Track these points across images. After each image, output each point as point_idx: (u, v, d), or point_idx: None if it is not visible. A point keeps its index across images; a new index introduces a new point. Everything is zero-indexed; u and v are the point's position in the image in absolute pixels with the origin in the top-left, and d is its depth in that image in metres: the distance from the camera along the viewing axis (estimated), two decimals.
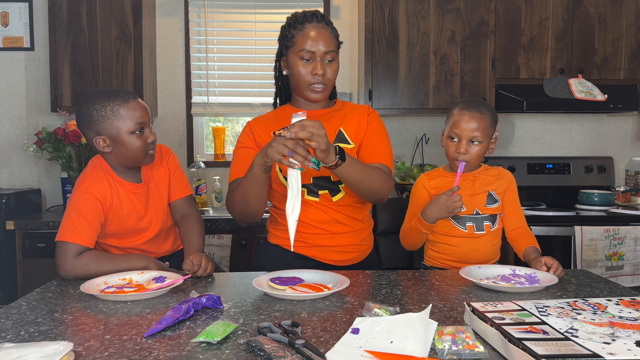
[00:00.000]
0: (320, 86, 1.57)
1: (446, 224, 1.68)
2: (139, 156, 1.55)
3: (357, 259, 1.66)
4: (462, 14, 2.87)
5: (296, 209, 1.31)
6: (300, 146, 1.27)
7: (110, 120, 1.50)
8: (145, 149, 1.55)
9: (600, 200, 2.85)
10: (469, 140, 1.63)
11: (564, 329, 0.93)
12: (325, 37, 1.55)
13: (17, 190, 2.81)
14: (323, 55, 1.55)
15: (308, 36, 1.54)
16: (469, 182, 1.69)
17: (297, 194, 1.31)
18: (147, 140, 1.55)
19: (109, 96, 1.51)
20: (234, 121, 3.41)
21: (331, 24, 1.60)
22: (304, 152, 1.27)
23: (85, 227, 1.48)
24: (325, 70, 1.56)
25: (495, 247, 1.70)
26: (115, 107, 1.50)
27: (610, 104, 2.82)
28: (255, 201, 1.48)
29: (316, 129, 1.26)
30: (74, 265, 1.44)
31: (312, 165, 1.28)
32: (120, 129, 1.51)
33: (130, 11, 2.80)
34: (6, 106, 3.07)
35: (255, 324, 1.08)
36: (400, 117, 3.22)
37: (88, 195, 1.51)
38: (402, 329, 0.98)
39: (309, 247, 1.60)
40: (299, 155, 1.27)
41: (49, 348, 0.87)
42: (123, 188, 1.58)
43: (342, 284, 1.28)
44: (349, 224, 1.61)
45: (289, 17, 1.61)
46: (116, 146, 1.53)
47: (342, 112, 1.67)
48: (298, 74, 1.56)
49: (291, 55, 1.57)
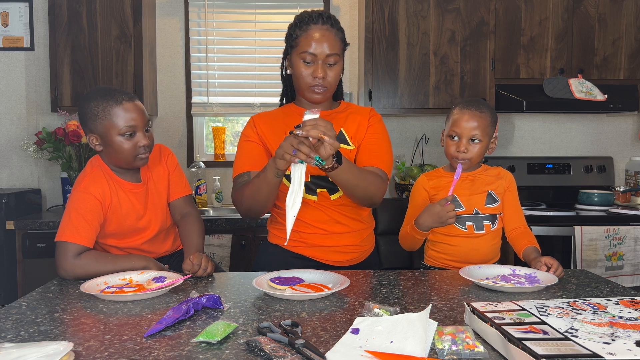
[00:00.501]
0: (321, 89, 1.56)
1: None
2: (127, 159, 1.53)
3: (357, 260, 1.65)
4: (462, 14, 2.87)
5: (296, 204, 1.32)
6: (305, 144, 1.28)
7: (102, 120, 1.49)
8: (134, 152, 1.52)
9: (600, 200, 2.85)
10: (469, 139, 1.63)
11: (563, 329, 0.93)
12: (329, 40, 1.53)
13: (17, 190, 2.81)
14: (325, 58, 1.54)
15: (311, 38, 1.53)
16: (469, 182, 1.69)
17: (299, 189, 1.33)
18: (137, 144, 1.52)
19: (104, 95, 1.50)
20: (234, 121, 3.41)
21: (337, 26, 1.58)
22: (308, 149, 1.28)
23: (85, 227, 1.48)
24: (327, 73, 1.55)
25: (495, 246, 1.70)
26: (107, 107, 1.49)
27: (610, 104, 2.82)
28: (264, 200, 1.49)
29: (328, 129, 1.28)
30: (74, 265, 1.44)
31: (315, 163, 1.29)
32: (109, 129, 1.49)
33: (130, 11, 2.80)
34: (6, 106, 3.07)
35: (255, 324, 1.08)
36: (400, 117, 3.22)
37: (87, 195, 1.51)
38: (402, 329, 0.98)
39: (308, 247, 1.60)
40: (302, 152, 1.28)
41: (49, 348, 0.87)
42: (122, 188, 1.58)
43: (342, 284, 1.28)
44: (348, 224, 1.61)
45: (296, 16, 1.60)
46: (106, 146, 1.52)
47: (345, 113, 1.66)
48: (299, 75, 1.56)
49: (294, 55, 1.57)
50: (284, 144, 1.31)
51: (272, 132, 1.63)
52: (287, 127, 1.61)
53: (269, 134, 1.62)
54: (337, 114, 1.66)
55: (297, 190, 1.32)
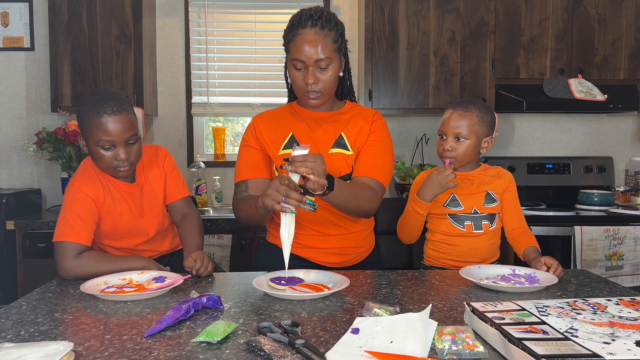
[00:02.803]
0: (314, 94, 1.53)
1: (445, 222, 1.68)
2: (106, 169, 1.53)
3: (353, 261, 1.64)
4: (462, 14, 2.87)
5: (291, 233, 1.32)
6: (294, 191, 1.25)
7: (86, 127, 1.48)
8: (111, 164, 1.50)
9: (600, 200, 2.85)
10: (454, 137, 1.64)
11: (563, 329, 0.93)
12: (317, 44, 1.47)
13: (17, 190, 2.81)
14: (314, 63, 1.48)
15: (299, 44, 1.48)
16: (468, 182, 1.69)
17: (291, 221, 1.31)
18: (116, 157, 1.49)
19: (94, 103, 1.47)
20: (234, 121, 3.41)
21: (329, 26, 1.49)
22: (298, 195, 1.25)
23: (82, 226, 1.48)
24: (317, 78, 1.50)
25: (493, 246, 1.70)
26: (91, 116, 1.46)
27: (610, 104, 2.82)
28: (259, 222, 1.55)
29: (317, 165, 1.26)
30: (74, 265, 1.44)
31: (308, 208, 1.27)
32: (89, 138, 1.48)
33: (130, 11, 2.80)
34: (6, 106, 3.07)
35: (255, 324, 1.08)
36: (400, 117, 3.22)
37: (81, 194, 1.51)
38: (402, 329, 0.98)
39: (303, 248, 1.60)
40: (293, 199, 1.25)
41: (49, 348, 0.87)
42: (115, 187, 1.57)
43: (342, 284, 1.28)
44: (344, 225, 1.59)
45: (291, 17, 1.56)
46: (89, 150, 1.52)
47: (348, 115, 1.63)
48: (293, 81, 1.55)
49: (287, 61, 1.56)
50: (269, 192, 1.27)
51: (272, 134, 1.61)
52: (288, 129, 1.61)
53: (269, 138, 1.61)
54: (340, 115, 1.63)
55: (290, 222, 1.31)
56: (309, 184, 1.28)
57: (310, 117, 1.62)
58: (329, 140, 1.59)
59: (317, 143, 1.58)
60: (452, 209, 1.67)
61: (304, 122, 1.61)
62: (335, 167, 1.55)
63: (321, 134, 1.59)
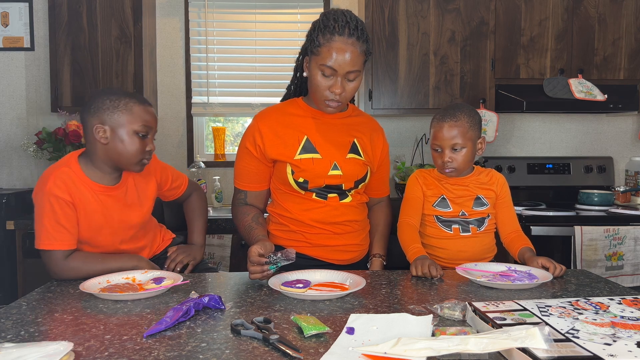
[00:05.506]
0: (335, 103, 1.52)
1: (433, 226, 1.69)
2: (131, 160, 1.50)
3: (357, 258, 1.69)
4: (462, 14, 2.87)
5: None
6: (256, 265, 1.36)
7: (120, 112, 1.48)
8: (140, 155, 1.51)
9: (600, 200, 2.85)
10: (451, 149, 1.63)
11: (565, 329, 0.92)
12: (352, 55, 1.44)
13: (17, 190, 2.81)
14: (345, 73, 1.47)
15: (333, 51, 1.44)
16: (463, 187, 1.69)
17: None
18: (145, 147, 1.51)
19: (128, 94, 1.52)
20: (234, 121, 3.41)
21: (364, 38, 1.47)
22: (260, 268, 1.35)
23: (64, 233, 1.45)
24: (344, 88, 1.49)
25: (484, 248, 1.69)
26: (130, 103, 1.49)
27: (610, 104, 2.82)
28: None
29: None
30: (63, 268, 1.44)
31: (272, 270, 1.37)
32: (125, 124, 1.48)
33: (130, 11, 2.80)
34: (6, 106, 3.07)
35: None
36: (400, 117, 3.22)
37: (54, 199, 1.44)
38: (398, 329, 0.98)
39: (312, 247, 1.62)
40: (257, 274, 1.36)
41: (49, 348, 0.87)
42: (90, 189, 1.50)
43: (358, 285, 1.29)
44: (351, 224, 1.64)
45: (323, 18, 1.49)
46: (114, 140, 1.48)
47: (355, 119, 1.67)
48: (316, 85, 1.50)
49: (313, 63, 1.50)
50: (250, 269, 1.37)
51: (282, 137, 1.58)
52: (301, 133, 1.59)
53: (277, 142, 1.58)
54: (347, 118, 1.66)
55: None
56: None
57: (320, 118, 1.63)
58: (346, 145, 1.62)
59: (335, 148, 1.60)
60: (440, 209, 1.67)
61: (314, 124, 1.61)
62: (352, 171, 1.60)
63: (336, 139, 1.62)
